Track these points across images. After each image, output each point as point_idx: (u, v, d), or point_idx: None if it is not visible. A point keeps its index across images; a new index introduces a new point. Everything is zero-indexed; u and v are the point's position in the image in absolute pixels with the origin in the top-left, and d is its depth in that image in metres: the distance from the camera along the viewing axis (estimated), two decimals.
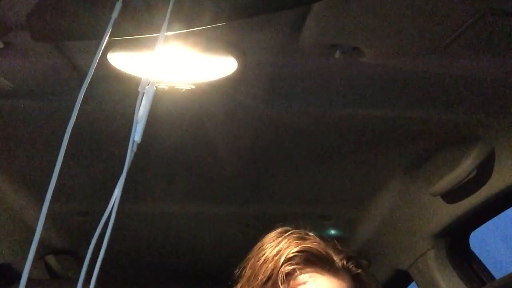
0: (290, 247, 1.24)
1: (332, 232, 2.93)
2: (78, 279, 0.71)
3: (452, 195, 2.12)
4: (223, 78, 1.60)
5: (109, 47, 1.46)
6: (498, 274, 2.32)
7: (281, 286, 1.20)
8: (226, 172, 2.32)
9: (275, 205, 2.67)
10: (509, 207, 2.13)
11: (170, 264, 3.45)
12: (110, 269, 2.87)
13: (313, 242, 1.25)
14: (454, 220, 2.18)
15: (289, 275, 1.21)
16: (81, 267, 0.71)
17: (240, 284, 1.32)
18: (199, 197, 2.60)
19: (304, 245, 1.23)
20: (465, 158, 1.97)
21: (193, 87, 1.64)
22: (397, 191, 2.40)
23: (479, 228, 2.34)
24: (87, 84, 0.84)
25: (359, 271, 1.25)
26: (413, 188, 2.31)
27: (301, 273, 1.21)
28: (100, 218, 0.74)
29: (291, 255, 1.22)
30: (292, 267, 1.21)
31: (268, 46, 1.48)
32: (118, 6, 0.92)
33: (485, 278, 2.33)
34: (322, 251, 1.23)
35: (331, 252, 1.25)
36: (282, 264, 1.21)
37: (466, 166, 1.96)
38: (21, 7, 1.22)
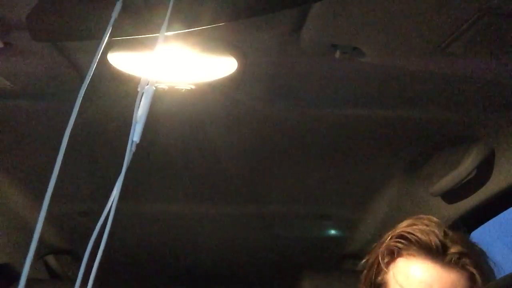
0: (401, 227, 1.28)
1: (332, 232, 2.93)
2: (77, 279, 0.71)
3: (452, 195, 2.12)
4: (223, 78, 1.60)
5: (109, 47, 1.46)
6: (498, 274, 2.31)
7: (385, 258, 1.26)
8: (226, 172, 2.32)
9: (275, 205, 2.67)
10: (509, 207, 2.13)
11: (170, 263, 3.45)
12: (109, 269, 2.87)
13: (427, 227, 1.25)
14: (454, 220, 2.18)
15: (392, 252, 1.26)
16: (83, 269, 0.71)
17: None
18: (199, 197, 2.60)
19: (415, 227, 1.25)
20: (465, 158, 1.97)
21: (193, 87, 1.64)
22: (397, 191, 2.40)
23: (479, 228, 2.34)
24: (87, 84, 0.84)
25: (474, 271, 1.23)
26: (413, 188, 2.31)
27: (404, 252, 1.24)
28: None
29: (397, 234, 1.27)
30: (397, 244, 1.25)
31: (268, 46, 1.48)
32: (118, 6, 0.92)
33: None
34: (433, 237, 1.23)
35: (447, 242, 1.24)
36: (390, 239, 1.27)
37: (466, 166, 1.96)
38: (21, 7, 1.22)
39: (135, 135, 0.79)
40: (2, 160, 2.20)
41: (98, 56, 0.85)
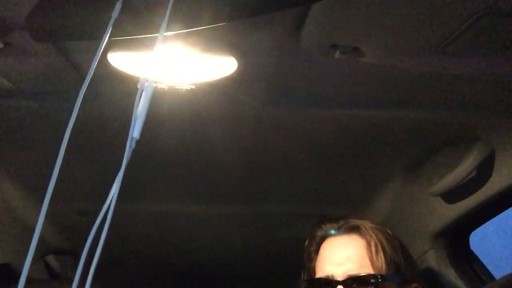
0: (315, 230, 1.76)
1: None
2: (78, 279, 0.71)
3: (452, 195, 2.11)
4: (223, 78, 1.60)
5: (109, 47, 1.46)
6: (498, 274, 2.32)
7: (312, 247, 1.74)
8: (226, 172, 2.32)
9: (275, 205, 2.67)
10: (509, 207, 2.13)
11: (168, 263, 3.45)
12: (108, 269, 2.87)
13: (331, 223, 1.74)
14: (454, 220, 2.18)
15: (316, 243, 1.73)
16: (80, 267, 0.71)
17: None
18: (198, 197, 2.60)
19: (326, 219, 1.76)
20: (465, 158, 1.96)
21: (193, 87, 1.64)
22: (397, 191, 2.40)
23: (479, 228, 2.34)
24: (87, 84, 0.84)
25: (368, 235, 1.63)
26: (413, 188, 2.31)
27: (322, 240, 1.71)
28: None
29: (316, 228, 1.77)
30: (316, 234, 1.74)
31: (268, 46, 1.48)
32: (118, 6, 0.92)
33: (485, 278, 2.33)
34: (335, 221, 1.72)
35: (344, 222, 1.71)
36: (313, 235, 1.77)
37: (466, 166, 1.96)
38: (21, 7, 1.22)
39: (135, 131, 0.79)
40: (2, 160, 2.20)
41: (98, 56, 0.85)
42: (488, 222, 2.27)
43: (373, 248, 1.57)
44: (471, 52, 1.37)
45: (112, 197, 0.74)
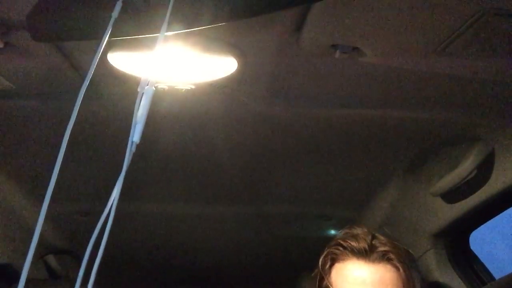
0: (337, 237, 1.56)
1: (332, 232, 2.93)
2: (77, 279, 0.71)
3: (452, 195, 2.12)
4: (223, 78, 1.60)
5: (109, 47, 1.46)
6: (498, 274, 2.32)
7: (326, 265, 1.53)
8: (226, 172, 2.32)
9: (275, 205, 2.67)
10: (509, 207, 2.13)
11: (169, 263, 3.45)
12: (109, 269, 2.87)
13: (358, 234, 1.53)
14: (454, 220, 2.18)
15: (331, 259, 1.53)
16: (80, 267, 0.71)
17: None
18: (198, 197, 2.60)
19: (347, 235, 1.54)
20: (465, 158, 1.97)
21: (193, 87, 1.64)
22: (397, 191, 2.40)
23: (479, 228, 2.34)
24: (87, 84, 0.84)
25: (398, 264, 1.47)
26: (413, 188, 2.31)
27: (340, 258, 1.51)
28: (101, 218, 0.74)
29: (334, 243, 1.54)
30: (334, 251, 1.52)
31: (268, 46, 1.48)
32: (118, 6, 0.92)
33: (485, 278, 2.33)
34: (362, 241, 1.50)
35: (375, 243, 1.50)
36: (329, 249, 1.54)
37: (466, 166, 1.96)
38: (21, 7, 1.22)
39: (135, 135, 0.79)
40: (2, 160, 2.20)
41: (98, 56, 0.85)
42: (488, 222, 2.27)
43: (410, 283, 1.50)
44: (471, 52, 1.37)
45: (113, 201, 0.74)
